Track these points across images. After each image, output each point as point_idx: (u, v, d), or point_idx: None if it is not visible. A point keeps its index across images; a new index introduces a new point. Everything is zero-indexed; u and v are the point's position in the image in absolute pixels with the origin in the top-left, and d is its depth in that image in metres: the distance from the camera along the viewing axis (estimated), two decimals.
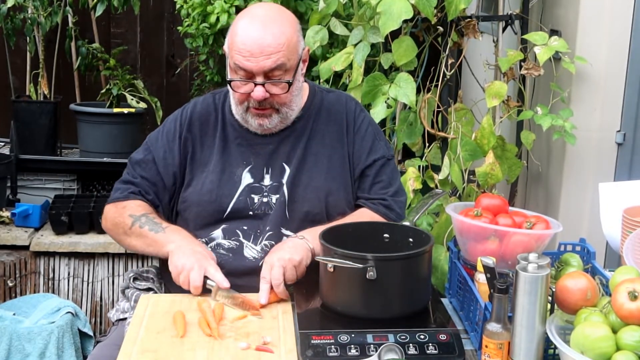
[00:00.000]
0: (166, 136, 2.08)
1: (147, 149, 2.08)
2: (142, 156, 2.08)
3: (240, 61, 1.88)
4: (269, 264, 1.82)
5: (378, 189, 2.06)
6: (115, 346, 1.79)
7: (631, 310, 1.41)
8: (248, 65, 1.88)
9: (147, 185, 2.05)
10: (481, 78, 3.05)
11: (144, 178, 2.05)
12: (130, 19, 4.89)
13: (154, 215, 2.00)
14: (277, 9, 2.01)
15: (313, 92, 2.11)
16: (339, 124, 2.08)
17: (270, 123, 1.98)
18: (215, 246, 1.99)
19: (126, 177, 2.08)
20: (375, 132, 2.11)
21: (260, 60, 1.87)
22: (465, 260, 1.85)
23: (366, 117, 2.13)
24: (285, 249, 1.86)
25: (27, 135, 4.16)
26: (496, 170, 2.72)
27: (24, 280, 3.50)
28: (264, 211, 2.00)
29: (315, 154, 2.04)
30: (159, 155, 2.06)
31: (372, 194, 2.06)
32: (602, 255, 2.74)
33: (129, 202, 2.03)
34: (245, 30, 1.90)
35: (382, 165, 2.07)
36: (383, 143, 2.11)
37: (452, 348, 1.57)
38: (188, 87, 4.85)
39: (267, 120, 1.97)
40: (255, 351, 1.57)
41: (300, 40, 1.97)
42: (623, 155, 2.91)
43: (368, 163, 2.06)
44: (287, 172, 2.02)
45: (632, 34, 2.81)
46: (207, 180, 2.02)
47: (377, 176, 2.07)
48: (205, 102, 2.12)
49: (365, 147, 2.07)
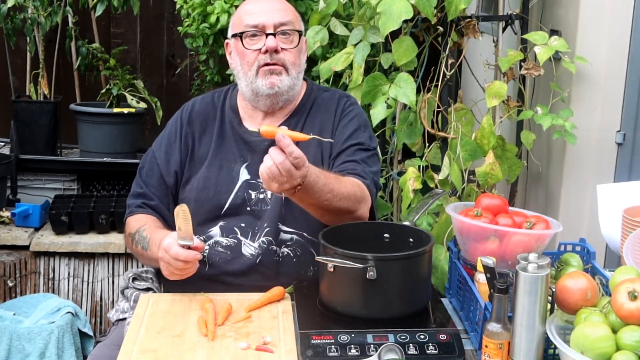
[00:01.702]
0: (168, 137, 2.13)
1: (152, 154, 2.14)
2: (146, 161, 2.14)
3: (252, 19, 2.00)
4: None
5: (349, 165, 2.00)
6: (114, 346, 1.79)
7: (631, 310, 1.41)
8: (260, 20, 1.99)
9: (151, 191, 2.10)
10: (481, 78, 3.04)
11: (147, 185, 2.11)
12: (130, 19, 4.89)
13: (144, 228, 2.02)
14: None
15: (310, 89, 2.14)
16: (328, 117, 2.09)
17: (281, 83, 2.01)
18: (213, 244, 2.00)
19: (133, 189, 2.15)
20: (360, 123, 2.10)
21: (269, 14, 2.00)
22: (465, 260, 1.85)
23: (355, 109, 2.12)
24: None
25: (27, 135, 4.16)
26: (496, 170, 2.72)
27: (24, 280, 3.49)
28: (260, 207, 2.01)
29: (306, 146, 2.02)
30: (161, 157, 2.11)
31: (343, 169, 1.98)
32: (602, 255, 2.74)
33: (130, 219, 2.09)
34: (252, 2, 2.05)
35: (358, 150, 2.04)
36: (367, 135, 2.09)
37: (452, 348, 1.57)
38: (188, 87, 4.85)
39: (278, 79, 2.01)
40: (255, 351, 1.57)
41: (300, 21, 2.08)
42: (623, 155, 2.90)
43: (344, 147, 2.04)
44: None
45: (632, 34, 2.81)
46: (205, 177, 2.03)
47: (350, 156, 2.03)
48: (204, 101, 2.15)
49: (345, 133, 2.06)
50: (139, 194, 2.12)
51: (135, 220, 2.07)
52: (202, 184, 2.03)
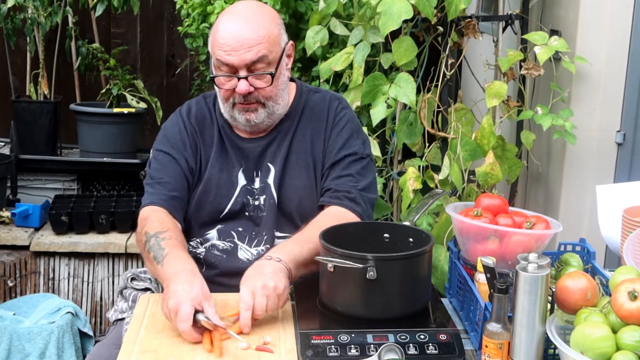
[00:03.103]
0: (172, 137, 2.05)
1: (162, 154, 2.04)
2: (157, 162, 2.04)
3: (222, 56, 1.89)
4: (250, 290, 1.65)
5: (345, 181, 1.99)
6: (113, 346, 1.79)
7: (631, 310, 1.41)
8: (230, 60, 1.88)
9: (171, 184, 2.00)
10: (481, 78, 3.05)
11: (164, 178, 2.00)
12: (130, 19, 4.89)
13: (164, 235, 1.85)
14: (257, 5, 2.01)
15: (300, 92, 2.10)
16: (320, 122, 2.06)
17: (257, 118, 1.97)
18: (209, 247, 1.99)
19: (147, 181, 2.03)
20: (353, 129, 2.06)
21: (241, 53, 1.87)
22: (465, 260, 1.85)
23: (347, 114, 2.09)
24: (266, 275, 1.69)
25: (27, 135, 4.16)
26: (496, 170, 2.72)
27: (24, 280, 3.50)
28: (257, 214, 2.00)
29: (298, 153, 2.03)
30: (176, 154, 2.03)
31: (338, 186, 1.98)
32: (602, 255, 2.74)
33: (151, 213, 1.95)
34: (226, 26, 1.91)
35: (352, 161, 2.02)
36: (360, 141, 2.06)
37: (452, 348, 1.57)
38: (188, 87, 4.85)
39: (254, 115, 1.96)
40: (255, 351, 1.57)
41: (281, 34, 1.96)
42: (623, 155, 2.91)
43: (338, 158, 2.01)
44: (272, 172, 2.01)
45: (632, 34, 2.81)
46: (206, 180, 2.02)
47: (345, 169, 2.01)
48: (198, 104, 2.12)
49: (338, 142, 2.03)
50: (159, 182, 1.99)
51: (156, 218, 1.92)
52: (204, 187, 2.02)
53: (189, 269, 1.72)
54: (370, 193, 2.03)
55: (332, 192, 1.99)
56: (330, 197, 1.98)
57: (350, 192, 1.97)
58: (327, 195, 1.99)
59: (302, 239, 1.85)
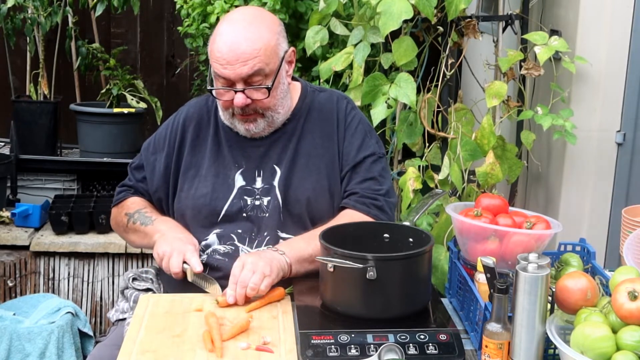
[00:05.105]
0: (154, 146, 2.14)
1: (140, 156, 2.16)
2: (137, 162, 2.17)
3: (218, 69, 1.89)
4: (241, 262, 1.81)
5: (370, 185, 2.01)
6: (114, 346, 1.79)
7: (631, 310, 1.41)
8: (226, 73, 1.88)
9: (143, 188, 2.13)
10: (481, 78, 3.05)
11: (139, 181, 2.13)
12: (130, 19, 4.89)
13: (146, 210, 2.08)
14: (256, 13, 1.98)
15: (305, 92, 2.09)
16: (329, 123, 2.05)
17: (257, 127, 1.98)
18: (211, 252, 1.99)
19: (126, 181, 2.18)
20: (366, 129, 2.07)
21: (237, 67, 1.86)
22: (465, 260, 1.85)
23: (357, 114, 2.09)
24: (263, 257, 1.82)
25: (27, 135, 4.16)
26: (496, 170, 2.72)
27: (24, 280, 3.50)
28: (256, 214, 1.99)
29: (307, 155, 2.02)
30: (148, 160, 2.12)
31: (364, 191, 2.01)
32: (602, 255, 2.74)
33: (126, 201, 2.14)
34: (222, 37, 1.89)
35: (373, 162, 2.04)
36: (374, 141, 2.07)
37: (452, 348, 1.57)
38: (188, 87, 4.85)
39: (253, 125, 1.97)
40: (255, 351, 1.57)
41: (281, 42, 1.94)
42: (623, 155, 2.91)
43: (358, 160, 2.02)
44: (278, 174, 2.01)
45: (632, 34, 2.81)
46: (201, 184, 2.02)
47: (368, 172, 2.02)
48: (198, 105, 2.12)
49: (355, 144, 2.03)
50: (130, 185, 2.16)
51: (132, 203, 2.11)
52: (199, 192, 2.01)
53: (179, 225, 2.01)
54: (392, 197, 2.07)
55: (359, 197, 2.00)
56: (356, 201, 2.00)
57: (377, 200, 2.00)
58: (352, 199, 2.00)
59: (309, 236, 1.91)
